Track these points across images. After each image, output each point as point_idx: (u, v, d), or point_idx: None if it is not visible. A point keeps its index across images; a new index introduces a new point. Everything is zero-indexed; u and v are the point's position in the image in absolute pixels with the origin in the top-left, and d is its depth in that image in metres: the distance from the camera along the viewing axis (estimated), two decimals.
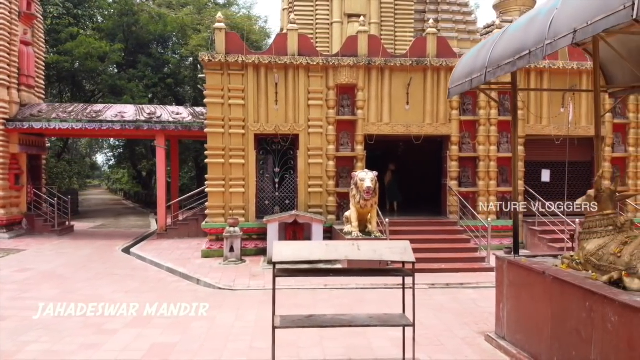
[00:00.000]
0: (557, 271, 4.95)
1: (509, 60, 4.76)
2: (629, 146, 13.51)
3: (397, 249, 5.23)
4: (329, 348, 5.95)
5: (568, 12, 3.95)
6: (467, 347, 6.02)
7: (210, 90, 12.11)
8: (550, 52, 4.16)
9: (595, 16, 3.58)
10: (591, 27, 3.62)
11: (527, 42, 4.51)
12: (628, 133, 13.52)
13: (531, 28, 4.52)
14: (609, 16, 3.43)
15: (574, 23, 3.82)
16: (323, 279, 9.66)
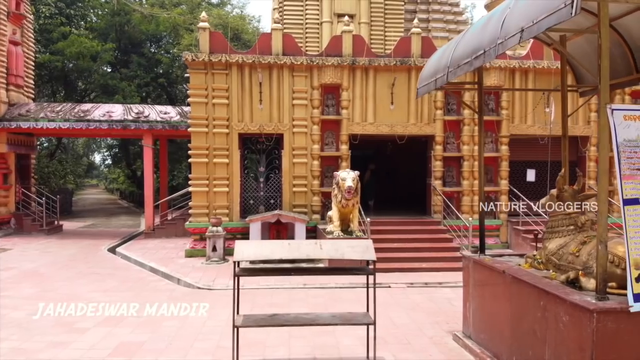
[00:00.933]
0: (516, 270, 4.97)
1: (467, 60, 4.77)
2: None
3: (358, 247, 5.25)
4: (296, 347, 5.96)
5: (517, 12, 3.97)
6: (434, 346, 6.03)
7: (194, 89, 12.12)
8: (501, 51, 4.17)
9: (540, 15, 3.59)
10: (536, 26, 3.64)
11: (482, 42, 4.52)
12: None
13: (487, 28, 4.53)
14: (551, 14, 3.44)
15: (522, 22, 3.83)
16: (302, 278, 9.68)
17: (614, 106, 3.83)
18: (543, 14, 3.53)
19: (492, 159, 12.97)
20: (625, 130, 3.83)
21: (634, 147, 3.84)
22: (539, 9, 3.59)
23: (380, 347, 5.97)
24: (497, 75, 12.73)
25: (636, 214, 3.77)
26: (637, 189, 3.81)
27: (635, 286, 3.73)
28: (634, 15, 5.23)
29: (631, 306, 3.70)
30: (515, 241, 12.59)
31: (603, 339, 3.70)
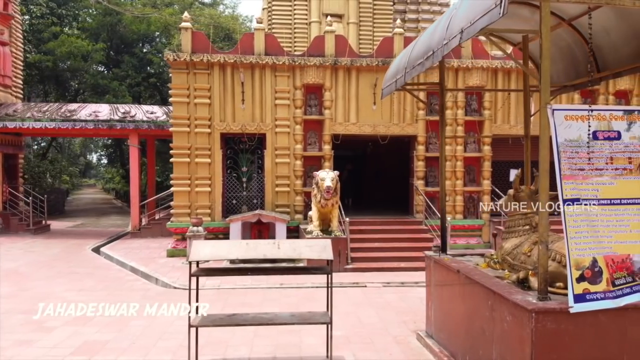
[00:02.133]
0: (469, 270, 4.98)
1: (420, 60, 4.79)
2: None
3: (316, 247, 5.26)
4: (258, 346, 5.98)
5: (460, 13, 3.99)
6: (396, 345, 6.04)
7: (176, 89, 12.14)
8: (446, 51, 4.20)
9: (476, 16, 3.61)
10: (473, 27, 3.66)
11: (432, 43, 4.55)
12: None
13: (437, 29, 4.55)
14: (484, 15, 3.46)
15: (462, 23, 3.86)
16: (280, 278, 9.72)
17: (554, 106, 3.85)
18: (478, 15, 3.55)
19: (475, 159, 12.99)
20: (566, 130, 3.84)
21: (576, 147, 3.85)
22: (476, 10, 3.61)
23: (343, 346, 6.01)
24: (480, 75, 12.74)
25: (576, 214, 3.79)
26: (577, 189, 3.82)
27: (576, 286, 3.74)
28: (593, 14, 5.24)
29: (571, 307, 3.71)
30: (499, 241, 12.59)
31: (542, 339, 3.71)
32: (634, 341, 3.82)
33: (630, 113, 3.94)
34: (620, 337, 3.81)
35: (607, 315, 3.78)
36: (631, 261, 3.90)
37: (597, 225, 3.85)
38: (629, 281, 3.91)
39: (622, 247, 3.88)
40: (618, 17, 5.16)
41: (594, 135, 3.87)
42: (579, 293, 3.74)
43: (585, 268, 3.76)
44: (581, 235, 3.78)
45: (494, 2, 3.31)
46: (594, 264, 3.77)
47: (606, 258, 3.85)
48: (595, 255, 3.78)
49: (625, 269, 3.90)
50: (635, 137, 3.92)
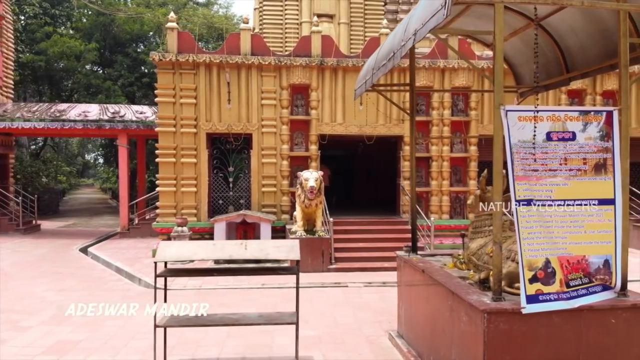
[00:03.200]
0: (433, 270, 4.99)
1: (384, 62, 4.80)
2: None
3: (284, 247, 5.26)
4: (229, 346, 5.99)
5: (415, 15, 4.00)
6: (367, 345, 6.05)
7: (162, 89, 12.14)
8: (404, 52, 4.20)
9: (426, 17, 3.62)
10: (424, 28, 3.66)
11: (394, 44, 4.56)
12: None
13: (398, 31, 4.56)
14: (433, 16, 3.47)
15: (416, 25, 3.86)
16: (261, 278, 9.74)
17: (507, 107, 3.85)
18: (428, 17, 3.56)
19: (461, 159, 12.99)
20: (520, 131, 3.85)
21: (529, 148, 3.86)
22: (427, 12, 3.62)
23: (314, 347, 6.02)
24: (466, 76, 12.75)
25: (529, 214, 3.79)
26: (530, 189, 3.83)
27: (529, 287, 3.75)
28: (560, 14, 5.25)
29: (524, 307, 3.71)
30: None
31: (495, 339, 3.71)
32: (590, 343, 3.82)
33: (586, 114, 3.94)
34: (576, 338, 3.81)
35: (562, 317, 3.78)
36: (587, 262, 3.91)
37: (551, 226, 3.85)
38: (585, 282, 3.91)
39: (578, 248, 3.88)
40: (585, 17, 5.17)
41: (548, 136, 3.88)
42: (532, 294, 3.74)
43: (538, 269, 3.77)
44: (534, 235, 3.78)
45: (440, 3, 3.32)
46: (546, 264, 3.78)
47: (561, 259, 3.85)
48: (548, 256, 3.79)
49: (582, 270, 3.91)
50: (590, 138, 3.92)
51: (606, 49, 5.10)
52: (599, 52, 5.23)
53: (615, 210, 3.92)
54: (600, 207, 3.90)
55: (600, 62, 5.22)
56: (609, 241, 3.91)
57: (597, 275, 3.91)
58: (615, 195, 3.93)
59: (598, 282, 3.93)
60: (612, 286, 3.95)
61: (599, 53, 5.25)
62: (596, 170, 3.91)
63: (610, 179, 3.93)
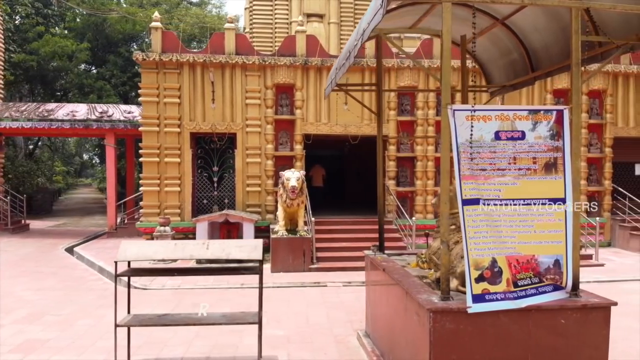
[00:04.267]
0: (393, 269, 4.97)
1: (343, 61, 4.79)
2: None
3: (246, 247, 5.26)
4: (196, 346, 5.98)
5: (366, 15, 3.99)
6: (335, 344, 6.04)
7: (145, 88, 12.14)
8: (355, 52, 4.19)
9: (371, 17, 3.61)
10: (369, 27, 3.65)
11: (350, 44, 4.55)
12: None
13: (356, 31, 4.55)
14: (375, 16, 3.46)
15: (364, 24, 3.85)
16: (241, 278, 9.74)
17: (455, 107, 3.84)
18: (371, 16, 3.55)
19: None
20: (467, 130, 3.84)
21: (477, 147, 3.84)
22: (371, 12, 3.61)
23: (281, 346, 6.01)
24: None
25: (475, 214, 3.78)
26: (477, 189, 3.81)
27: (475, 287, 3.74)
28: (523, 13, 5.23)
29: (470, 307, 3.70)
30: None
31: (441, 339, 3.70)
32: (539, 343, 3.80)
33: (536, 113, 3.93)
34: (525, 338, 3.79)
35: (509, 316, 3.77)
36: (537, 262, 3.89)
37: (500, 225, 3.84)
38: (535, 282, 3.90)
39: (527, 248, 3.87)
40: (546, 15, 5.15)
41: (497, 135, 3.86)
42: (478, 293, 3.73)
43: (485, 268, 3.75)
44: (480, 235, 3.77)
45: (380, 3, 3.31)
46: (493, 264, 3.76)
47: (510, 258, 3.84)
48: (495, 255, 3.77)
49: (532, 269, 3.89)
50: (540, 137, 3.91)
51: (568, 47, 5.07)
52: (562, 50, 5.22)
53: (565, 209, 3.90)
54: (550, 207, 3.89)
55: (563, 60, 5.21)
56: (559, 241, 3.89)
57: (547, 275, 3.90)
58: (566, 194, 3.91)
59: (549, 282, 3.92)
60: (563, 286, 3.94)
61: (561, 51, 5.24)
62: (546, 170, 3.90)
63: (561, 178, 3.91)
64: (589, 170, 13.54)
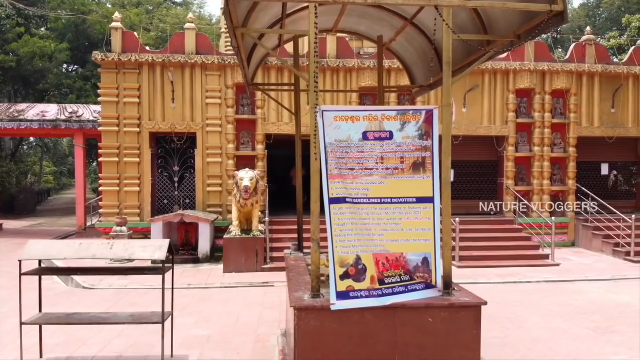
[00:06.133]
0: (293, 267, 5.01)
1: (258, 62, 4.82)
2: (534, 145, 13.48)
3: (151, 247, 5.28)
4: (114, 345, 6.00)
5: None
6: (253, 344, 6.06)
7: (105, 89, 12.18)
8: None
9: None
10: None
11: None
12: (532, 133, 13.49)
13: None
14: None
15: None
16: (188, 278, 9.81)
17: (323, 107, 3.87)
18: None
19: None
20: (336, 131, 3.86)
21: (345, 147, 3.86)
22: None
23: (198, 346, 6.04)
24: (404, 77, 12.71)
25: (341, 212, 3.80)
26: (345, 188, 3.83)
27: (340, 284, 3.76)
28: (427, 12, 5.24)
29: (333, 304, 3.72)
30: None
31: (306, 336, 3.73)
32: (406, 342, 3.82)
33: (404, 113, 3.95)
34: (391, 337, 3.81)
35: (375, 314, 3.79)
36: (405, 260, 3.91)
37: (368, 223, 3.86)
38: (405, 280, 3.92)
39: (395, 246, 3.89)
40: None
41: (365, 135, 3.89)
42: (342, 290, 3.75)
43: (350, 266, 3.78)
44: (345, 233, 3.80)
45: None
46: (357, 261, 3.79)
47: (379, 256, 3.86)
48: (359, 252, 3.80)
49: (401, 267, 3.91)
50: (408, 137, 3.93)
51: (468, 46, 5.11)
52: (464, 49, 5.24)
53: (434, 208, 3.93)
54: (418, 205, 3.91)
55: (464, 59, 5.24)
56: (427, 239, 3.91)
57: (417, 273, 3.92)
58: (434, 193, 3.93)
59: (419, 280, 3.94)
60: (434, 284, 3.96)
61: (464, 50, 5.26)
62: (414, 169, 3.92)
63: (430, 177, 3.93)
64: (553, 170, 13.55)
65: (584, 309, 7.70)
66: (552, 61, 13.36)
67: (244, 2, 3.91)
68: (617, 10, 34.11)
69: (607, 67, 13.46)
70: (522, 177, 13.49)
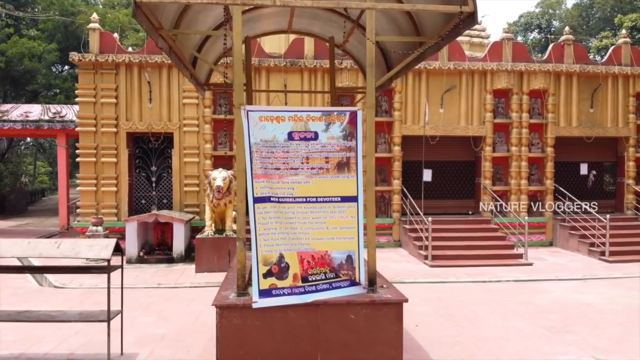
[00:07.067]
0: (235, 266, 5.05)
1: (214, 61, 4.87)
2: (512, 145, 13.52)
3: (97, 246, 5.34)
4: (69, 343, 6.07)
5: None
6: (205, 343, 6.11)
7: (82, 89, 12.24)
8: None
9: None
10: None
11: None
12: (510, 133, 13.53)
13: None
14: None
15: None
16: (159, 278, 9.88)
17: (248, 107, 3.93)
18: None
19: (385, 159, 13.05)
20: (261, 131, 3.92)
21: (271, 147, 3.93)
22: None
23: (151, 344, 6.10)
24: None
25: (265, 211, 3.86)
26: (270, 187, 3.89)
27: (263, 282, 3.82)
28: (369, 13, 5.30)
29: (255, 302, 3.79)
30: (404, 240, 12.67)
31: (228, 334, 3.79)
32: (328, 338, 3.89)
33: (329, 114, 4.02)
34: (313, 334, 3.88)
35: (297, 311, 3.85)
36: (330, 257, 3.98)
37: (294, 222, 3.93)
38: (330, 277, 3.99)
39: (320, 244, 3.96)
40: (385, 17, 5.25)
41: (290, 135, 3.95)
42: (265, 288, 3.82)
43: (273, 264, 3.85)
44: (269, 232, 3.86)
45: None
46: (280, 259, 3.85)
47: (304, 254, 3.92)
48: (282, 251, 3.86)
49: (327, 264, 3.98)
50: (333, 138, 3.99)
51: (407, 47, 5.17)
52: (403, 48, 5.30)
53: (358, 207, 3.99)
54: (343, 204, 3.98)
55: (401, 59, 5.29)
56: (351, 237, 3.98)
57: (341, 271, 3.99)
58: (358, 192, 3.99)
59: (345, 277, 4.01)
60: (358, 282, 4.02)
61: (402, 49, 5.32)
62: (339, 169, 3.98)
63: (354, 177, 4.00)
64: (531, 170, 13.61)
65: (544, 308, 7.75)
66: (529, 61, 13.41)
67: (172, 5, 3.97)
68: (610, 10, 34.13)
69: (585, 67, 13.50)
70: (500, 177, 13.54)
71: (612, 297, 8.48)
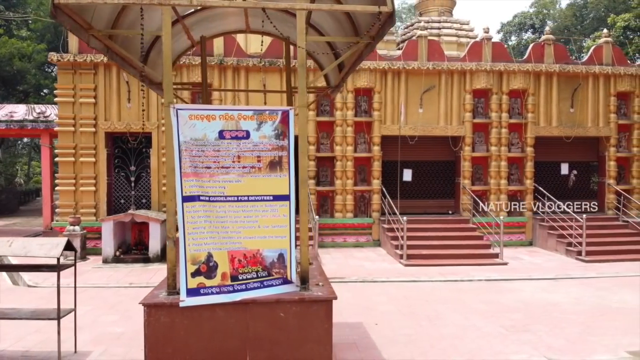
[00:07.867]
0: None
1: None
2: (491, 145, 13.55)
3: (47, 245, 5.37)
4: (26, 341, 6.14)
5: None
6: None
7: (61, 89, 12.27)
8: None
9: None
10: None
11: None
12: (489, 133, 13.57)
13: None
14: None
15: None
16: (133, 277, 9.90)
17: (178, 106, 3.95)
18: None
19: (365, 159, 13.08)
20: (191, 129, 3.94)
21: (201, 146, 3.95)
22: None
23: (106, 342, 6.15)
24: (368, 77, 12.83)
25: (194, 210, 3.88)
26: (199, 186, 3.91)
27: (191, 281, 3.84)
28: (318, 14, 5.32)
29: (182, 300, 3.81)
30: (383, 239, 12.70)
31: (155, 333, 3.81)
32: (258, 336, 3.91)
33: (261, 113, 4.04)
34: (242, 332, 3.90)
35: (226, 310, 3.88)
36: (262, 256, 4.00)
37: (226, 221, 3.95)
38: (262, 276, 4.01)
39: (252, 242, 3.98)
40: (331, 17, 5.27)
41: (221, 134, 3.97)
42: (193, 287, 3.84)
43: (201, 263, 3.86)
44: (198, 231, 3.87)
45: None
46: (209, 258, 3.87)
47: (234, 253, 3.95)
48: (211, 250, 3.88)
49: (259, 263, 4.00)
50: (265, 137, 4.01)
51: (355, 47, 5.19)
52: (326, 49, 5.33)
53: (290, 206, 4.01)
54: (275, 203, 4.00)
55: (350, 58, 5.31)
56: (283, 236, 4.00)
57: (273, 269, 4.01)
58: (290, 191, 4.02)
59: (277, 275, 4.03)
60: (290, 280, 4.04)
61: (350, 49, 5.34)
62: (271, 168, 4.00)
63: (286, 176, 4.02)
64: (510, 170, 13.63)
65: (509, 308, 7.78)
66: (509, 61, 13.43)
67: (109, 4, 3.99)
68: (604, 10, 34.14)
69: (565, 67, 13.52)
70: (479, 177, 13.56)
71: (579, 296, 8.50)
